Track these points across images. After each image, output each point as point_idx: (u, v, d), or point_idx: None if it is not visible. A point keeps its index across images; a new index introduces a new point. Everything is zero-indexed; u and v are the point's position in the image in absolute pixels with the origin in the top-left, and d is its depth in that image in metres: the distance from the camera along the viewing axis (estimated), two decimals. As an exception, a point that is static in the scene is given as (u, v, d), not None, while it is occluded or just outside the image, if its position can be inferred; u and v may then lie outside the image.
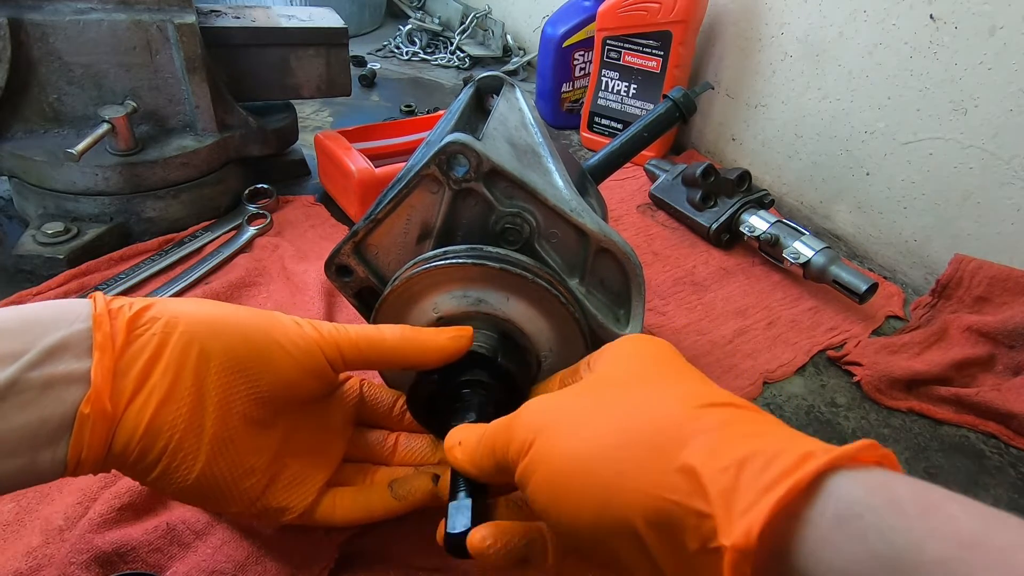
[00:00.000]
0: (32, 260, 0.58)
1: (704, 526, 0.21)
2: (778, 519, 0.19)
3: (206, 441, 0.30)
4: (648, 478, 0.23)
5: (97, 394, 0.26)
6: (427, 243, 0.40)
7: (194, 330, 0.29)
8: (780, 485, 0.19)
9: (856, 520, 0.19)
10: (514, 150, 0.41)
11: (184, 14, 0.60)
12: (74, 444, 0.27)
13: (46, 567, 0.36)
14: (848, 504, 0.19)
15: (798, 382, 0.57)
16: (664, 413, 0.25)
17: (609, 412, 0.26)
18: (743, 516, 0.19)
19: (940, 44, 0.63)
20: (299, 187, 0.77)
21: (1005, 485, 0.50)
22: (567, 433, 0.26)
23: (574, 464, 0.25)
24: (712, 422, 0.23)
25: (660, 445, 0.23)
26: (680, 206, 0.75)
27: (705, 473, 0.21)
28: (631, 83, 0.86)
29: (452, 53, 1.21)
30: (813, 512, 0.19)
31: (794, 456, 0.20)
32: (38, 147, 0.59)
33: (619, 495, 0.23)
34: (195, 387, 0.29)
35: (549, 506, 0.26)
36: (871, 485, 0.19)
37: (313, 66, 0.72)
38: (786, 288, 0.67)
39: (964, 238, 0.66)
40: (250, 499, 0.32)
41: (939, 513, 0.18)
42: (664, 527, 0.22)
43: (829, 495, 0.19)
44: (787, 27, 0.77)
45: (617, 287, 0.41)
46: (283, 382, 0.32)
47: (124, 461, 0.28)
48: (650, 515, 0.22)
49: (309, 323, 0.34)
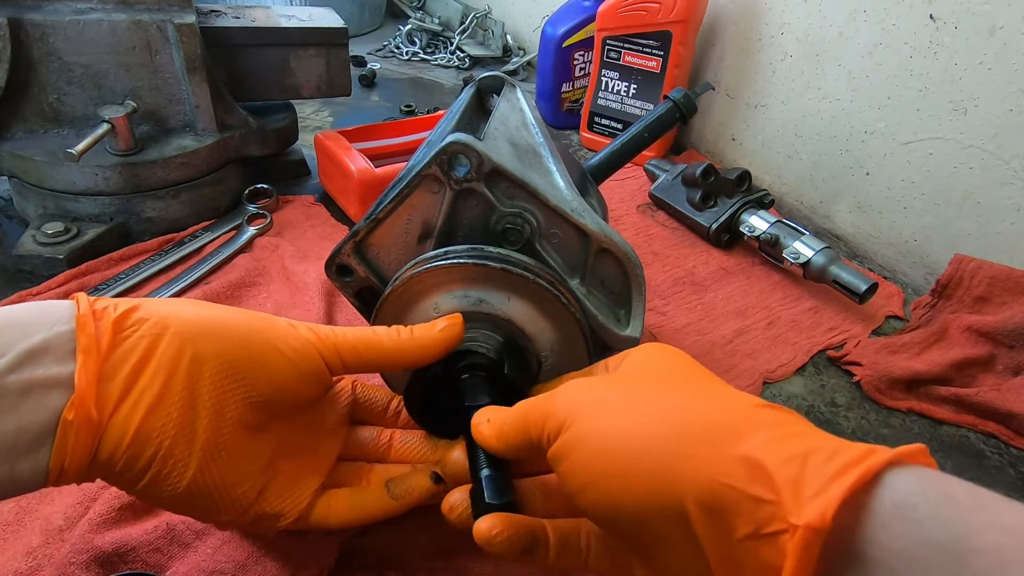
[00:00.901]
0: (32, 260, 0.58)
1: (760, 511, 0.22)
2: (846, 506, 0.20)
3: (198, 448, 0.29)
4: (706, 464, 0.23)
5: (81, 399, 0.25)
6: (428, 243, 0.40)
7: (186, 332, 0.28)
8: (849, 474, 0.21)
9: (913, 510, 0.20)
10: (515, 150, 0.41)
11: (184, 14, 0.60)
12: (56, 452, 0.25)
13: (46, 567, 0.36)
14: (906, 495, 0.20)
15: (798, 382, 0.57)
16: (720, 409, 0.26)
17: (658, 403, 0.27)
18: (814, 500, 0.20)
19: (940, 44, 0.63)
20: (299, 187, 0.77)
21: (1005, 485, 0.50)
22: (611, 414, 0.27)
23: (622, 444, 0.26)
24: (769, 420, 0.24)
25: (718, 436, 0.24)
26: (680, 206, 0.75)
27: (770, 462, 0.22)
28: (631, 83, 0.86)
29: (452, 53, 1.21)
30: (874, 500, 0.21)
31: (857, 451, 0.22)
32: (38, 147, 0.59)
33: (672, 477, 0.24)
34: (187, 391, 0.28)
35: (588, 485, 0.26)
36: (928, 480, 0.21)
37: (313, 66, 0.72)
38: (786, 288, 0.67)
39: (964, 238, 0.66)
40: (242, 506, 0.32)
41: (991, 508, 0.20)
42: (716, 511, 0.23)
43: (888, 487, 0.21)
44: (787, 27, 0.77)
45: (617, 287, 0.41)
46: (279, 386, 0.32)
47: (111, 470, 0.27)
48: (704, 498, 0.23)
49: (305, 326, 0.33)
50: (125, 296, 0.56)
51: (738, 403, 0.26)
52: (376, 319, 0.39)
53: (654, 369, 0.30)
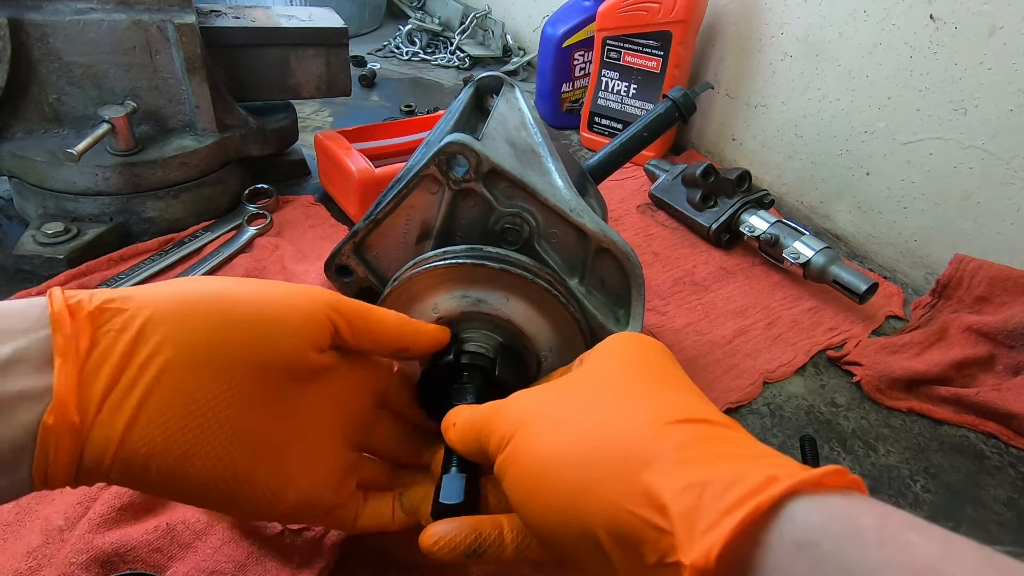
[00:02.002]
0: (32, 260, 0.58)
1: (663, 541, 0.21)
2: (737, 542, 0.20)
3: (202, 435, 0.27)
4: (612, 489, 0.23)
5: (62, 404, 0.24)
6: (427, 243, 0.40)
7: (167, 318, 0.26)
8: (741, 508, 0.20)
9: (814, 548, 0.19)
10: (514, 150, 0.41)
11: (184, 14, 0.60)
12: (39, 459, 0.24)
13: (46, 567, 0.36)
14: (806, 531, 0.19)
15: (798, 382, 0.57)
16: (633, 427, 0.25)
17: (584, 417, 0.27)
18: (703, 536, 0.20)
19: (940, 44, 0.63)
20: (299, 187, 0.77)
21: (1005, 485, 0.50)
22: (544, 431, 0.27)
23: (545, 465, 0.26)
24: (679, 440, 0.24)
25: (625, 460, 0.24)
26: (680, 206, 0.75)
27: (666, 493, 0.22)
28: (631, 83, 0.86)
29: (452, 53, 1.21)
30: (772, 537, 0.20)
31: (757, 479, 0.20)
32: (38, 147, 0.60)
33: (584, 502, 0.24)
34: (178, 382, 0.26)
35: (521, 502, 0.27)
36: (832, 512, 0.20)
37: (313, 66, 0.72)
38: (786, 288, 0.67)
39: (964, 238, 0.66)
40: (269, 492, 0.30)
41: (897, 541, 0.18)
42: (624, 538, 0.23)
43: (789, 520, 0.20)
44: (787, 27, 0.77)
45: (617, 287, 0.41)
46: (275, 350, 0.29)
47: (107, 474, 0.26)
48: (611, 525, 0.23)
49: (317, 288, 0.32)
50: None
51: (655, 418, 0.25)
52: (375, 319, 0.39)
53: (608, 369, 0.30)
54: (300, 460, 0.31)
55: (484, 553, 0.29)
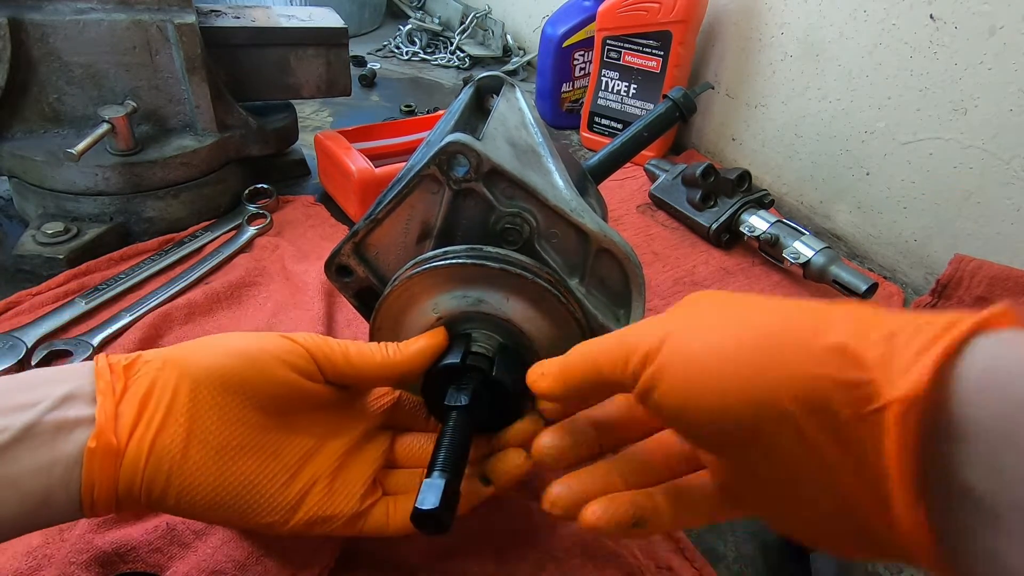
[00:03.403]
0: (32, 260, 0.58)
1: (857, 393, 0.22)
2: (937, 375, 0.21)
3: (212, 451, 0.31)
4: (797, 358, 0.24)
5: (102, 431, 0.29)
6: (427, 243, 0.40)
7: (181, 360, 0.32)
8: (936, 346, 0.21)
9: (1002, 372, 0.20)
10: (514, 150, 0.41)
11: (184, 14, 0.60)
12: (85, 479, 0.29)
13: (46, 567, 0.36)
14: (995, 359, 0.21)
15: (798, 382, 0.57)
16: (799, 310, 0.26)
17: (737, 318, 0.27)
18: (905, 374, 0.21)
19: (940, 44, 0.63)
20: (299, 187, 0.77)
21: (1005, 485, 0.50)
22: (701, 333, 0.27)
23: (717, 360, 0.26)
24: (846, 312, 0.25)
25: (802, 335, 0.25)
26: (680, 206, 0.75)
27: (858, 345, 0.23)
28: (631, 83, 0.86)
29: (452, 53, 1.21)
30: (964, 368, 0.21)
31: (941, 323, 0.22)
32: (38, 147, 0.60)
33: (765, 379, 0.24)
34: (190, 404, 0.31)
35: (687, 403, 0.27)
36: (1012, 342, 0.21)
37: (313, 66, 0.72)
38: (786, 288, 0.67)
39: (964, 238, 0.66)
40: (283, 508, 0.33)
41: None
42: (815, 401, 0.23)
43: (975, 352, 0.21)
44: (787, 27, 0.77)
45: (617, 287, 0.41)
46: (279, 383, 0.33)
47: (139, 495, 0.30)
48: (799, 392, 0.23)
49: (302, 335, 0.35)
50: (125, 296, 0.58)
51: (812, 303, 0.26)
52: (375, 319, 0.39)
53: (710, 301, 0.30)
54: (308, 479, 0.34)
55: (647, 523, 0.30)
